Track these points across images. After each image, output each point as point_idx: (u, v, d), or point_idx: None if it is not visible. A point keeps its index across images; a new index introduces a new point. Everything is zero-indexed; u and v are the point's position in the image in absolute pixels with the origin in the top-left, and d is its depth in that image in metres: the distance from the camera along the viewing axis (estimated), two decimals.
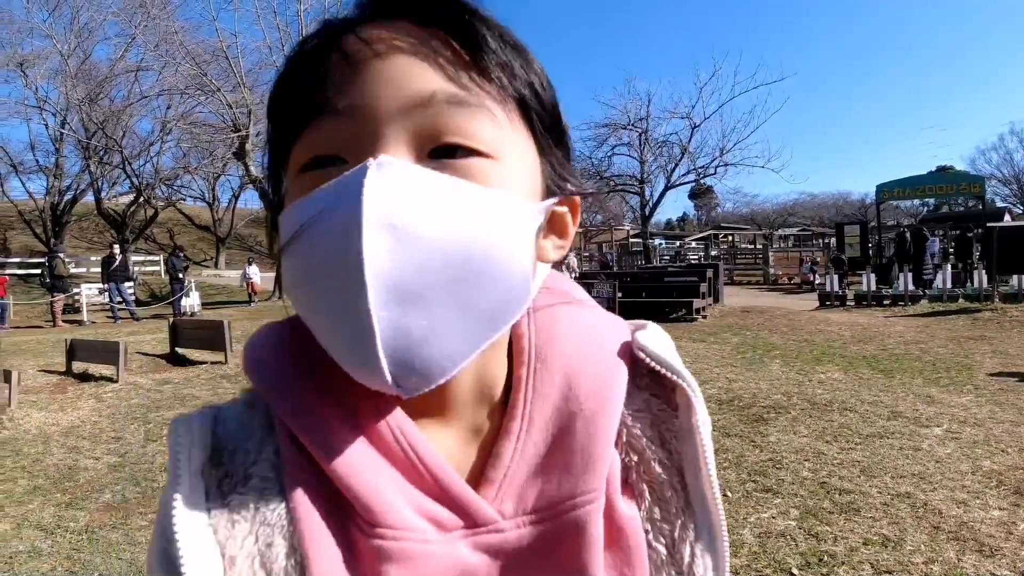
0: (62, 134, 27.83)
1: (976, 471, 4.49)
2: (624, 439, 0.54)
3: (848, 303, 15.99)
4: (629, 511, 0.52)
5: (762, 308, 15.45)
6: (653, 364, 0.55)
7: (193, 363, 9.45)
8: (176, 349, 10.01)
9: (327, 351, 0.46)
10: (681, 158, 28.71)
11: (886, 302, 15.44)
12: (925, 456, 4.81)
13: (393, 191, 0.42)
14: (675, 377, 0.55)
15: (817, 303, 16.48)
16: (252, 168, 20.72)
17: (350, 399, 0.49)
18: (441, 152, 0.45)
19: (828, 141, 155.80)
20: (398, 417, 0.49)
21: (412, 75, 0.45)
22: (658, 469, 0.54)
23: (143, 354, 9.92)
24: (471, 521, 0.48)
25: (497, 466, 0.50)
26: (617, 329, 0.59)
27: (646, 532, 0.52)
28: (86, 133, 27.14)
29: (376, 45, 0.46)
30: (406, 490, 0.48)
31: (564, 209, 0.55)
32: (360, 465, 0.47)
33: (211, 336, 9.55)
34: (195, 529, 0.45)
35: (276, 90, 0.50)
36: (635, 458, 0.54)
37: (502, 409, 0.53)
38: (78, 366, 8.93)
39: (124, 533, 3.98)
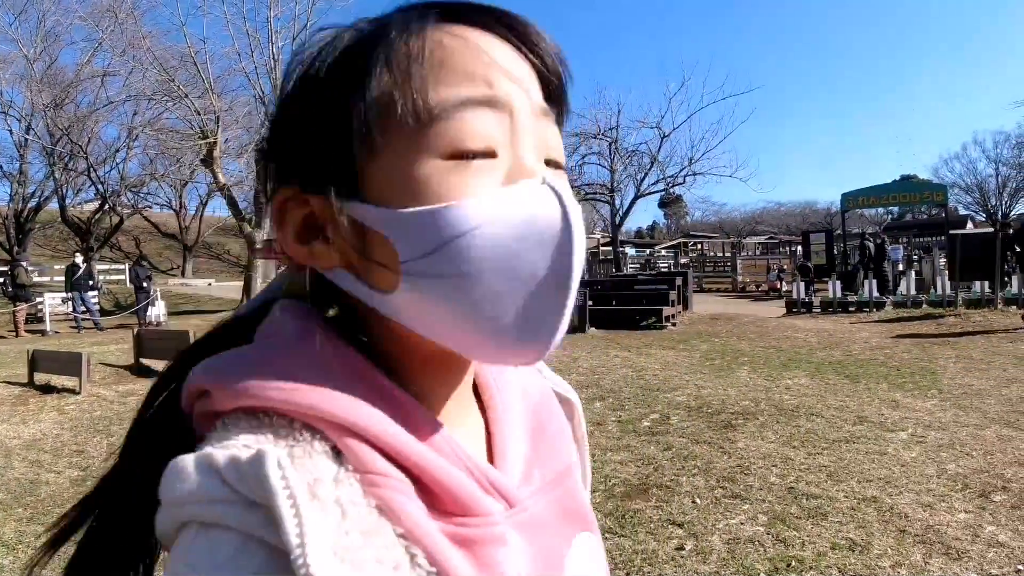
0: (27, 140, 27.37)
1: (941, 475, 4.57)
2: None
3: (814, 310, 16.19)
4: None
5: (730, 315, 15.62)
6: (556, 389, 0.72)
7: (158, 374, 9.22)
8: (141, 360, 9.79)
9: (455, 335, 0.48)
10: (651, 167, 28.89)
11: (851, 308, 15.68)
12: (891, 460, 4.89)
13: (577, 212, 0.47)
14: (568, 395, 0.73)
15: (784, 310, 16.67)
16: (220, 175, 20.39)
17: (402, 412, 0.48)
18: (548, 164, 0.51)
19: (794, 151, 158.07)
20: (438, 424, 0.52)
21: (536, 88, 0.51)
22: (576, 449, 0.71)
23: (107, 365, 9.73)
24: (510, 505, 0.54)
25: (506, 457, 0.58)
26: None
27: None
28: (51, 139, 26.67)
29: (510, 43, 0.50)
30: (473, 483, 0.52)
31: None
32: (443, 465, 0.48)
33: (177, 346, 9.23)
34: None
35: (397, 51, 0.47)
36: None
37: (483, 412, 0.61)
38: (40, 377, 8.73)
39: None
